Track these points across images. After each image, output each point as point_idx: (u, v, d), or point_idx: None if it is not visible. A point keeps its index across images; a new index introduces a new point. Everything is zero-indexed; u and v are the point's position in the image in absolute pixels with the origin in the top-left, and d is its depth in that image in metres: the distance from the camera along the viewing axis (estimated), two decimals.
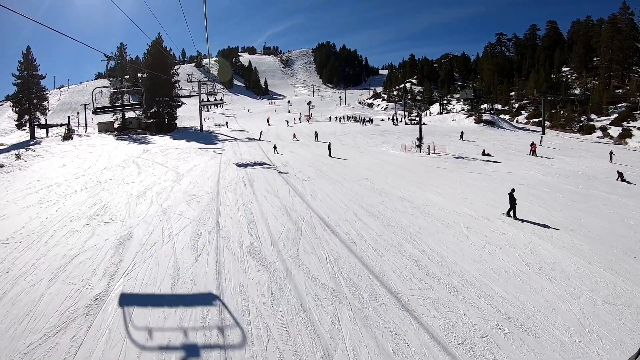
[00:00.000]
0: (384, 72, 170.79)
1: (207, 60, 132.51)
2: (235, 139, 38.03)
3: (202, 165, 22.73)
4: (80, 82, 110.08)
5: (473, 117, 51.16)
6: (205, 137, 38.67)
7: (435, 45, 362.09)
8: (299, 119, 58.19)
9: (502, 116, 57.29)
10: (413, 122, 50.84)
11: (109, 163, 24.35)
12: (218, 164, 23.17)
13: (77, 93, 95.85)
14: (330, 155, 25.73)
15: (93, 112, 14.70)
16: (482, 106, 63.66)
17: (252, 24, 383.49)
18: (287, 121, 52.37)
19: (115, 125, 48.31)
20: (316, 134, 36.43)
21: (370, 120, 51.48)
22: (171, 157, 26.00)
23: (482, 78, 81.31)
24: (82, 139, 39.84)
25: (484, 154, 26.92)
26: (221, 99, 45.36)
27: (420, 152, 27.03)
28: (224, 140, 37.42)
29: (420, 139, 27.11)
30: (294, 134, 37.15)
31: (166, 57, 48.72)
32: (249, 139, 37.55)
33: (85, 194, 15.66)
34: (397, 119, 54.12)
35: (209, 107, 47.18)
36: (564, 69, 73.97)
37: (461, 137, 36.41)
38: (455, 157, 25.44)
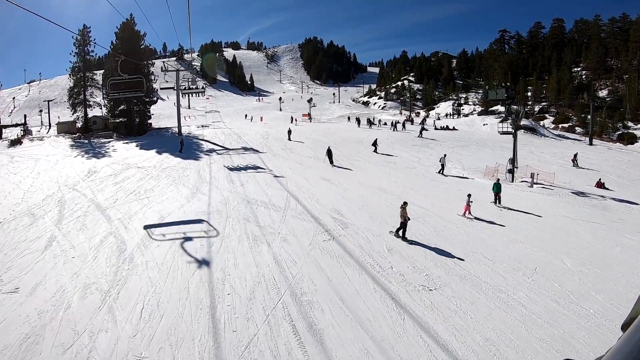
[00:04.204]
0: (372, 69, 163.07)
1: (189, 55, 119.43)
2: (226, 148, 27.70)
3: (175, 216, 12.75)
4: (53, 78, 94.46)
5: (509, 121, 43.04)
6: (184, 146, 28.07)
7: (424, 42, 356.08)
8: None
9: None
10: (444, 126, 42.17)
11: (20, 204, 14.16)
12: (205, 213, 13.18)
13: (48, 88, 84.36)
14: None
15: None
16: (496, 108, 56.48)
17: (236, 19, 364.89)
18: (290, 129, 32.24)
19: (78, 125, 38.47)
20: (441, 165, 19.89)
21: (404, 125, 40.00)
22: (126, 190, 15.93)
23: (488, 76, 74.20)
24: (33, 145, 31.45)
25: (599, 185, 18.33)
26: (202, 87, 36.51)
27: (512, 180, 18.07)
28: (211, 150, 27.23)
29: (514, 160, 18.12)
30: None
31: (139, 40, 37.82)
32: (245, 149, 27.30)
33: None
34: (425, 122, 44.17)
35: (190, 96, 38.47)
36: (575, 69, 67.93)
37: (574, 161, 23.50)
38: (573, 193, 16.58)
